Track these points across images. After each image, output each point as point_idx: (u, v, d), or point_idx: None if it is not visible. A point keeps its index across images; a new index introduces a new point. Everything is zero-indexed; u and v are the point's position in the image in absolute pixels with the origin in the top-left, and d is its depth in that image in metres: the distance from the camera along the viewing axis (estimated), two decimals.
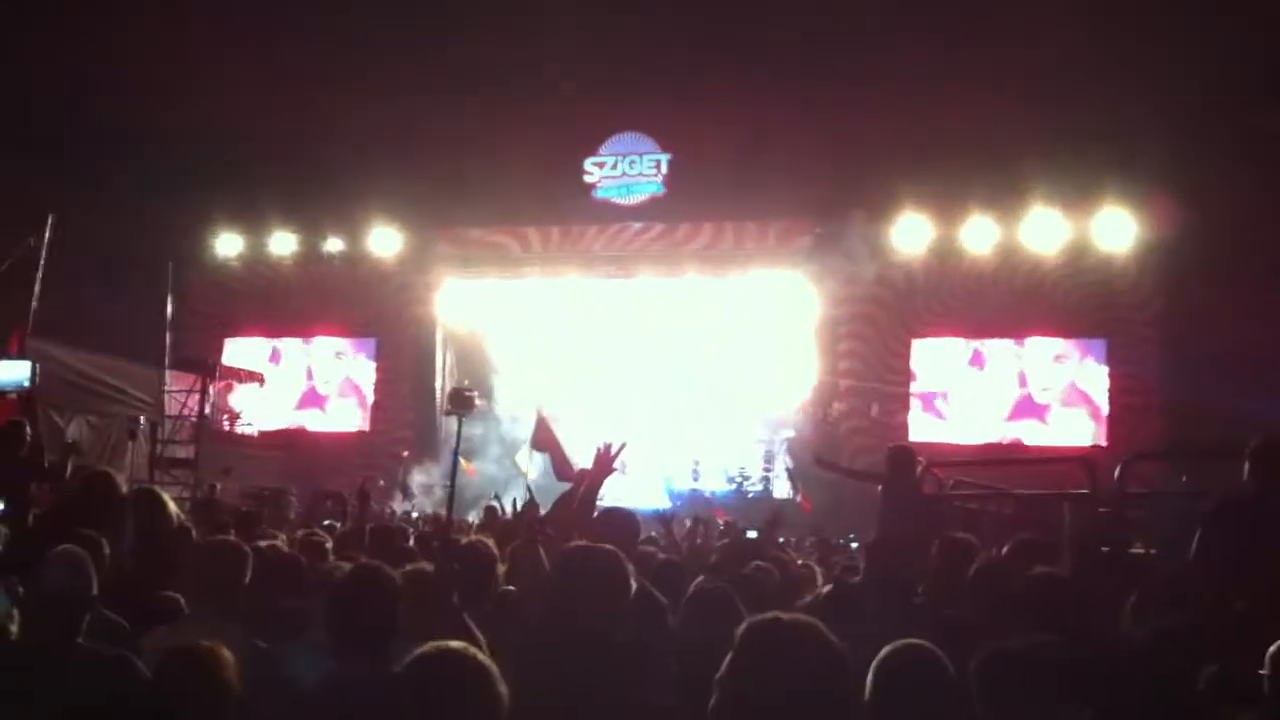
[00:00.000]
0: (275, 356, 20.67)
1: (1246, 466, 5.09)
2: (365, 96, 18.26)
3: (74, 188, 15.68)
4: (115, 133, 16.99)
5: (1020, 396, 17.63)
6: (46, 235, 14.77)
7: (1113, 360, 17.02)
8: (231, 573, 4.28)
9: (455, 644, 2.60)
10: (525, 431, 14.61)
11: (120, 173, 16.90)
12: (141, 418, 14.66)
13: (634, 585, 3.76)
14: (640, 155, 19.30)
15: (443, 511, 15.13)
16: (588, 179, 19.42)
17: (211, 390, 15.81)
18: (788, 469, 18.57)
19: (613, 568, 3.64)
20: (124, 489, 5.65)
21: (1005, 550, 5.34)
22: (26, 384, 12.69)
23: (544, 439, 13.13)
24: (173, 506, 5.65)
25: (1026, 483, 8.61)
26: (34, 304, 14.70)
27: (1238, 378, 13.16)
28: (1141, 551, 6.50)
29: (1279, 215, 13.80)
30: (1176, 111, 14.49)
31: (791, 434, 18.93)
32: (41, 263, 14.82)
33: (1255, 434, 5.16)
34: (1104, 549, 5.97)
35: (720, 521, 12.88)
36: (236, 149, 17.86)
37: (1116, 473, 6.67)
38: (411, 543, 6.59)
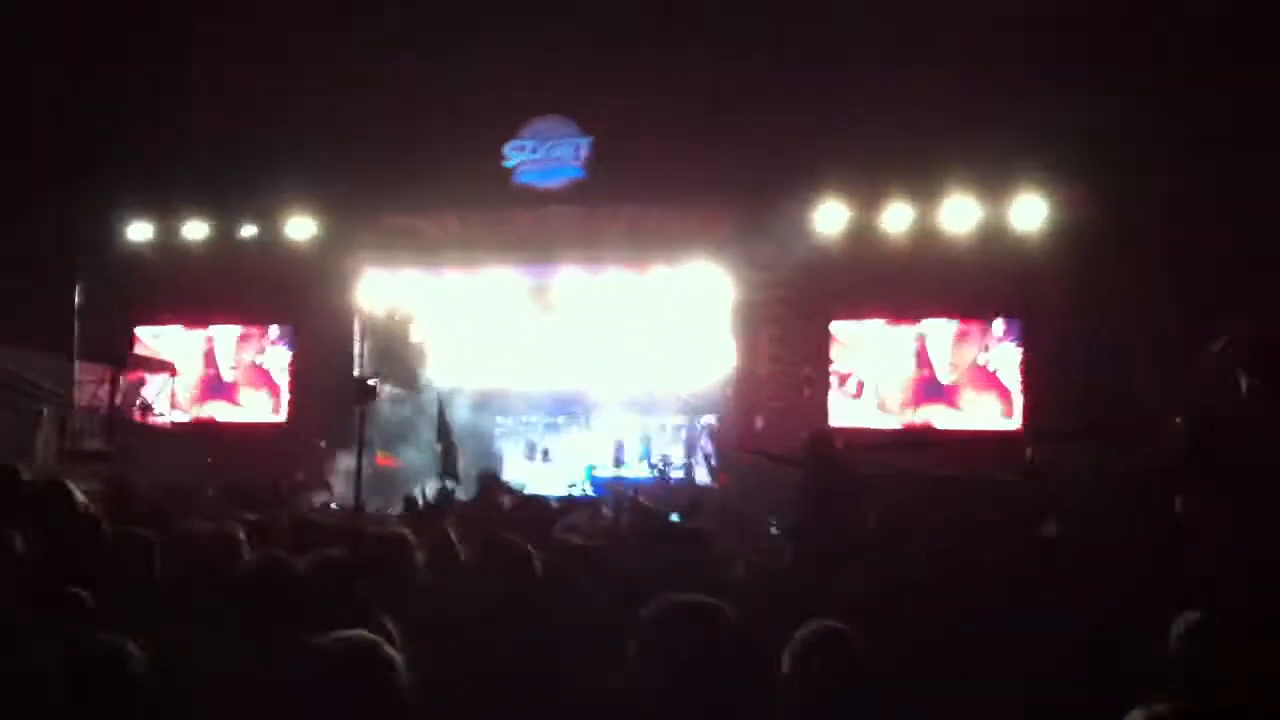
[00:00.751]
0: (188, 346, 20.29)
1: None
2: (279, 81, 18.02)
3: None
4: (16, 118, 16.55)
5: (933, 378, 17.88)
6: None
7: (1025, 342, 17.35)
8: (142, 566, 4.20)
9: (356, 634, 2.58)
10: (441, 419, 14.54)
11: (23, 158, 16.48)
12: (44, 409, 14.30)
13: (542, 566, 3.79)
14: (561, 139, 19.16)
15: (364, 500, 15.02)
16: (507, 163, 19.20)
17: (122, 381, 15.51)
18: (707, 455, 18.71)
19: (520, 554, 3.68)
20: (28, 481, 5.52)
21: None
22: None
23: (442, 430, 13.23)
24: (80, 498, 5.53)
25: (942, 464, 8.77)
26: None
27: (1143, 359, 13.53)
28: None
29: (1189, 198, 14.20)
30: (1090, 98, 14.79)
31: (712, 419, 19.06)
32: None
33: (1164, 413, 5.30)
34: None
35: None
36: (146, 134, 17.50)
37: (1027, 454, 6.82)
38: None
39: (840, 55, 16.41)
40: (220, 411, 20.06)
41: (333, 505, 14.31)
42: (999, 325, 17.65)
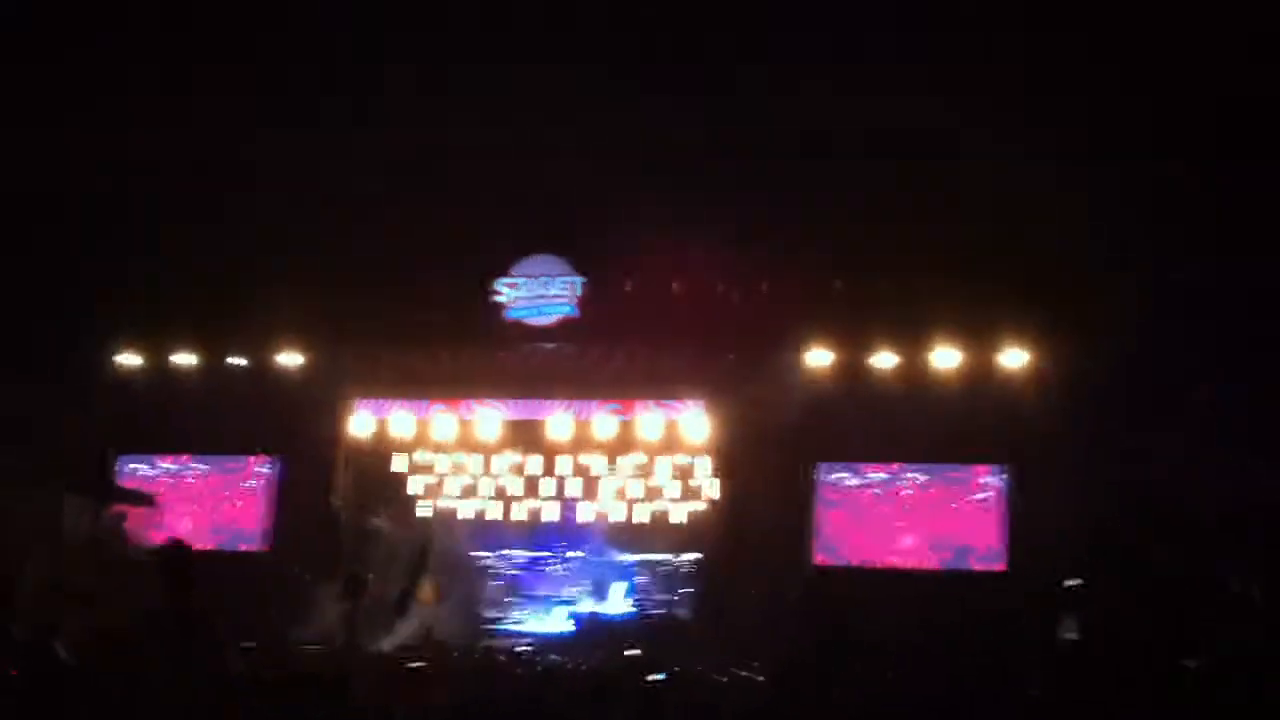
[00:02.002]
0: (172, 476, 20.18)
1: None
2: (273, 213, 18.27)
3: None
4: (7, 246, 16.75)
5: (924, 521, 17.86)
6: None
7: (1013, 488, 17.38)
8: None
9: None
10: (426, 553, 14.51)
11: (14, 290, 16.62)
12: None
13: None
14: (553, 277, 19.34)
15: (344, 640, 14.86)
16: (499, 299, 19.35)
17: (106, 513, 15.39)
18: (690, 593, 18.58)
19: None
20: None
21: None
22: None
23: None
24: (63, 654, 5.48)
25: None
26: None
27: (1130, 508, 13.64)
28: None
29: (1169, 354, 14.48)
30: (1073, 257, 15.18)
31: (697, 558, 18.96)
32: None
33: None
34: None
35: None
36: (138, 263, 17.67)
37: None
38: None
39: (832, 212, 16.79)
40: (211, 541, 19.79)
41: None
42: (986, 472, 17.71)
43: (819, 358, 17.76)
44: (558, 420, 19.23)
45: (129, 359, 19.76)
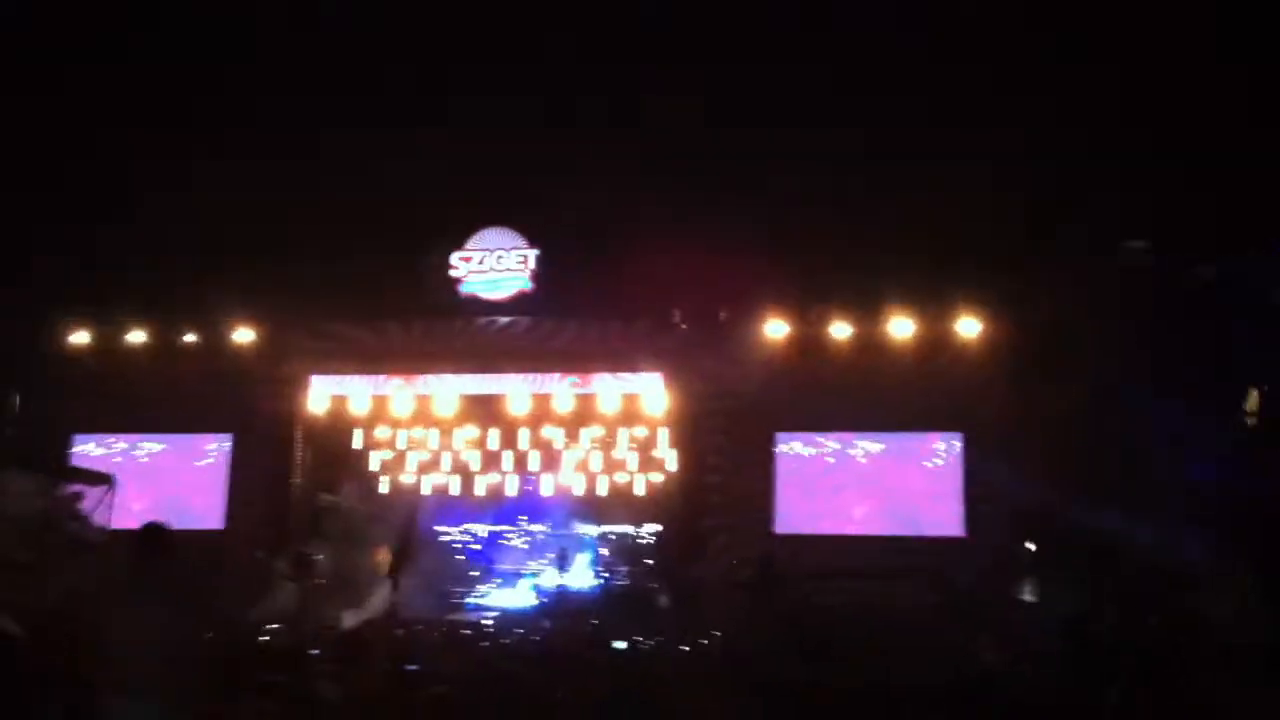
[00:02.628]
0: (125, 455, 19.94)
1: None
2: (224, 188, 18.07)
3: None
4: None
5: (876, 490, 17.99)
6: None
7: (968, 455, 17.54)
8: None
9: None
10: (383, 529, 14.44)
11: None
12: None
13: None
14: (508, 250, 19.24)
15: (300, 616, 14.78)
16: (454, 273, 19.24)
17: (56, 491, 15.18)
18: (652, 563, 18.65)
19: None
20: None
21: None
22: None
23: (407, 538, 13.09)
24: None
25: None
26: None
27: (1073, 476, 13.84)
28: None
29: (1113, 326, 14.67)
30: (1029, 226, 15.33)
31: (658, 528, 19.02)
32: None
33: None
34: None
35: None
36: (86, 239, 17.41)
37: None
38: None
39: (786, 178, 16.82)
40: (167, 519, 19.54)
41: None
42: (940, 440, 17.84)
43: (775, 328, 17.80)
44: (515, 393, 19.15)
45: (81, 337, 19.48)
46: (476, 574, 19.62)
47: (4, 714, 4.60)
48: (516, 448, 19.57)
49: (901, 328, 17.41)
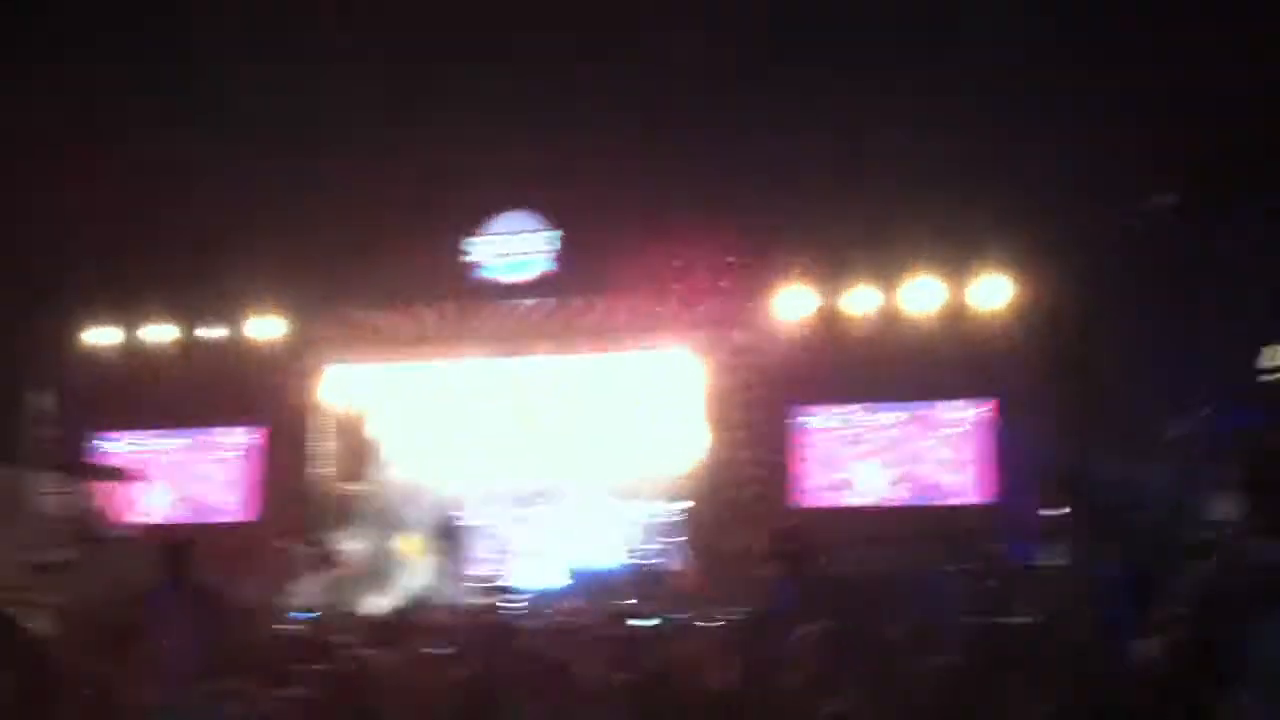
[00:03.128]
0: (154, 450, 20.07)
1: None
2: (242, 178, 18.06)
3: None
4: None
5: (908, 460, 17.88)
6: None
7: (999, 423, 17.40)
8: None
9: None
10: (411, 514, 14.42)
11: None
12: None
13: None
14: (530, 232, 19.20)
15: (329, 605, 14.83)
16: (475, 257, 19.21)
17: (89, 489, 15.31)
18: (682, 541, 18.57)
19: None
20: None
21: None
22: None
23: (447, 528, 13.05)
24: (31, 629, 5.40)
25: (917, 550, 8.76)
26: None
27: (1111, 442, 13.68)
28: (1029, 621, 6.62)
29: (1144, 283, 14.46)
30: (1045, 189, 15.10)
31: (688, 505, 18.94)
32: None
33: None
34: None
35: None
36: (108, 237, 17.46)
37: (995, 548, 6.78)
38: None
39: (804, 145, 16.63)
40: (195, 514, 19.72)
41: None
42: (968, 407, 17.69)
43: (798, 298, 17.65)
44: (540, 375, 19.11)
45: (100, 334, 19.59)
46: (507, 556, 19.60)
47: (34, 714, 4.62)
48: (543, 428, 19.52)
49: (927, 293, 17.23)
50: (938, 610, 6.69)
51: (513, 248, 19.13)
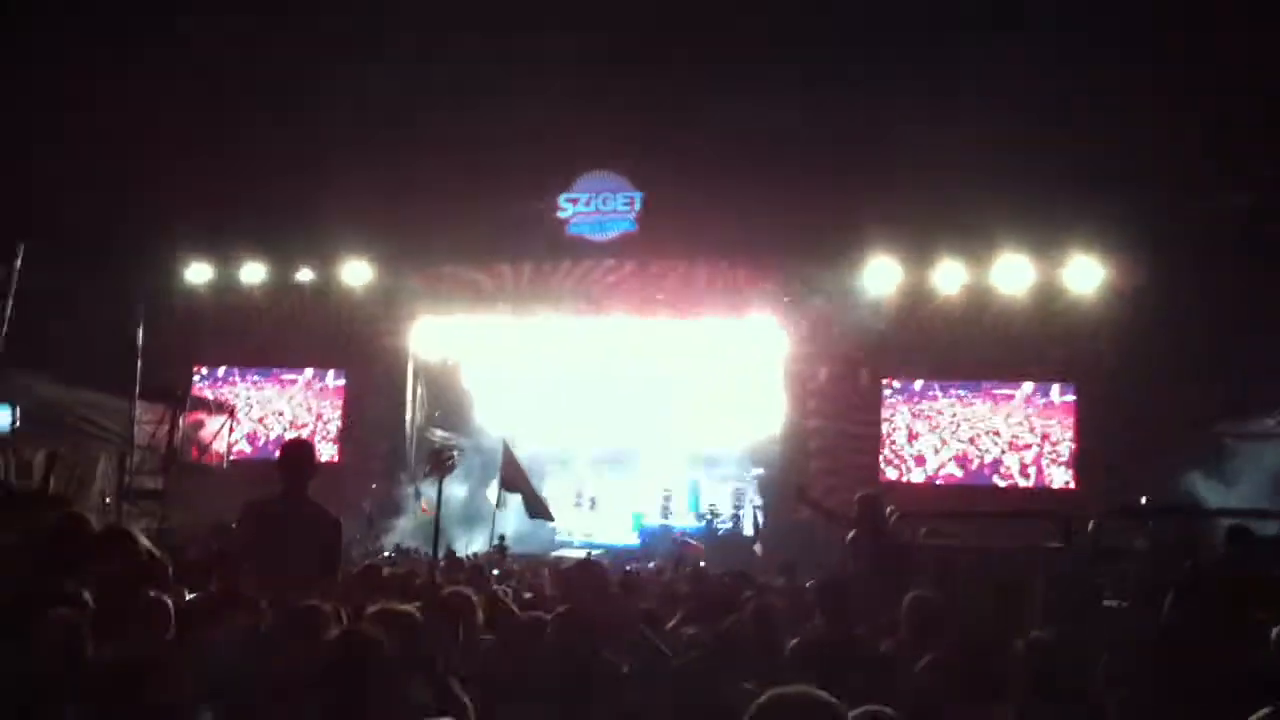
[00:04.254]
0: (244, 386, 20.59)
1: None
2: (337, 130, 18.34)
3: (41, 216, 15.60)
4: (83, 160, 16.92)
5: (988, 439, 17.80)
6: (17, 264, 14.54)
7: (1080, 406, 17.25)
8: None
9: None
10: (493, 464, 14.63)
11: (87, 199, 16.85)
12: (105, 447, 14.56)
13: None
14: (613, 193, 19.33)
15: (414, 546, 15.15)
16: (560, 214, 19.39)
17: (181, 421, 15.72)
18: (755, 507, 18.68)
19: None
20: (93, 528, 5.59)
21: None
22: (7, 429, 12.65)
23: (512, 477, 13.18)
24: (144, 542, 5.60)
25: (999, 531, 8.77)
26: (3, 331, 14.48)
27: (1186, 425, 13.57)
28: (1114, 604, 6.64)
29: (1228, 274, 14.23)
30: (1141, 178, 14.88)
31: (761, 472, 19.04)
32: (12, 291, 14.61)
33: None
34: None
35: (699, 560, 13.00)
36: (205, 180, 17.82)
37: (1089, 527, 6.78)
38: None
39: (893, 117, 16.48)
40: (271, 453, 20.18)
41: (386, 553, 14.45)
42: (1055, 389, 17.54)
43: (884, 272, 17.58)
44: (622, 336, 19.28)
45: (200, 273, 20.07)
46: (582, 511, 19.91)
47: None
48: (624, 389, 19.71)
49: (1014, 274, 17.09)
50: (1022, 588, 6.71)
51: (598, 206, 19.28)
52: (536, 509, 13.39)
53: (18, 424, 12.71)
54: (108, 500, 13.71)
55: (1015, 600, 6.07)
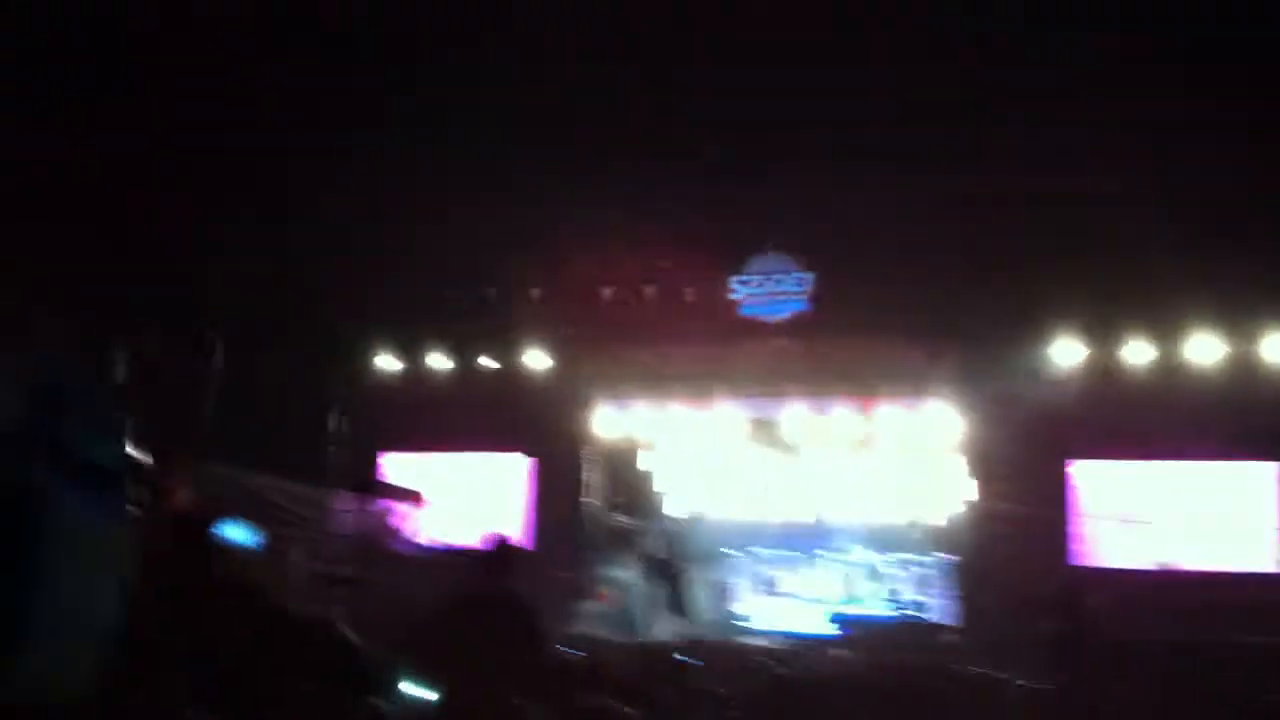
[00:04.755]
0: (431, 474, 21.14)
1: None
2: (515, 224, 18.86)
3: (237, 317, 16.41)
4: (280, 256, 17.76)
5: (1185, 519, 17.08)
6: (218, 358, 15.24)
7: None
8: None
9: None
10: (679, 549, 14.72)
11: (282, 296, 17.68)
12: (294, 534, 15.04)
13: None
14: (786, 273, 19.38)
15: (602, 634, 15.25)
16: (733, 297, 19.51)
17: (372, 508, 16.21)
18: (949, 596, 18.28)
19: None
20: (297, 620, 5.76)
21: None
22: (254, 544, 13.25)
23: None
24: (353, 638, 5.77)
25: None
26: (204, 425, 15.17)
27: None
28: None
29: None
30: None
31: (950, 557, 18.64)
32: (215, 387, 15.32)
33: None
34: None
35: None
36: (395, 274, 18.53)
37: None
38: None
39: (1072, 190, 16.15)
40: (468, 538, 20.43)
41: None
42: (1251, 467, 16.75)
43: (1067, 349, 17.16)
44: (799, 417, 19.21)
45: (388, 361, 20.82)
46: (762, 597, 19.75)
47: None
48: (802, 471, 19.59)
49: (1206, 348, 16.46)
50: (1239, 687, 6.41)
51: (770, 289, 19.34)
52: (675, 605, 13.37)
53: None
54: (300, 589, 14.16)
55: None
